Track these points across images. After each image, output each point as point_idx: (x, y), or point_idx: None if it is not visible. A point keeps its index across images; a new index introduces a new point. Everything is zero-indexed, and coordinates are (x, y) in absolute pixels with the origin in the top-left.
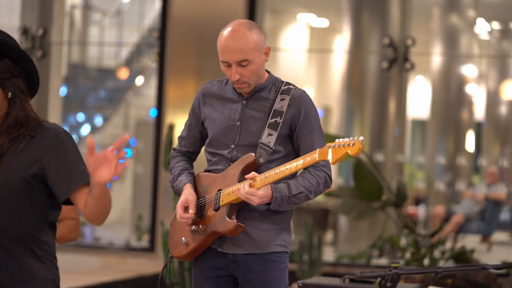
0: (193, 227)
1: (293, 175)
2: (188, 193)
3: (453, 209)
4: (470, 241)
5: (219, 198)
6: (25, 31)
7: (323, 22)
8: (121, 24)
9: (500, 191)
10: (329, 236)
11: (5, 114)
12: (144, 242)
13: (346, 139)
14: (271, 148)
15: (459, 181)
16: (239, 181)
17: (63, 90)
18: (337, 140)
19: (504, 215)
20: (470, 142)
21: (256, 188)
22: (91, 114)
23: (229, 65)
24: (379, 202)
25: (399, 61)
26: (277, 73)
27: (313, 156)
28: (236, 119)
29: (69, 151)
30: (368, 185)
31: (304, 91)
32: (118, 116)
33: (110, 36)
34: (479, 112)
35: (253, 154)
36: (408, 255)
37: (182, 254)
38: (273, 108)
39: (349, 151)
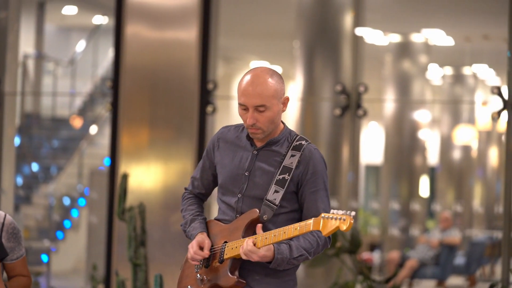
0: (199, 276)
1: None
2: (204, 237)
3: (407, 254)
4: (425, 286)
5: (224, 251)
6: None
7: (276, 69)
8: (74, 74)
9: (454, 236)
10: None
11: None
12: None
13: (340, 212)
14: (277, 206)
15: (413, 226)
16: (243, 236)
17: (16, 140)
18: (332, 211)
19: (458, 260)
20: (424, 187)
21: (257, 247)
22: (45, 164)
23: (246, 109)
24: (333, 249)
25: (351, 107)
26: (231, 121)
27: (308, 224)
28: (245, 168)
29: None
30: None
31: (315, 148)
32: (72, 165)
33: (63, 85)
34: (433, 157)
35: (257, 211)
36: None
37: None
38: (283, 164)
39: (340, 227)
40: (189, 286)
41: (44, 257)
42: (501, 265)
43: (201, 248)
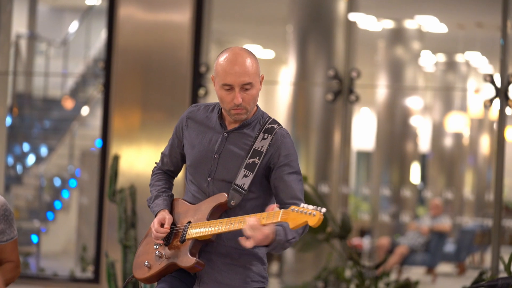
0: (158, 252)
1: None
2: (165, 213)
3: (397, 240)
4: (415, 273)
5: (187, 231)
6: None
7: (268, 54)
8: (67, 54)
9: (444, 223)
10: (274, 267)
11: None
12: (89, 273)
13: (310, 207)
14: (245, 191)
15: (403, 213)
16: (208, 219)
17: (8, 120)
18: (302, 205)
19: (448, 247)
20: (415, 174)
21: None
22: (36, 144)
23: (230, 89)
24: (324, 234)
25: (344, 93)
26: None
27: (276, 215)
28: (215, 151)
29: None
30: None
31: (287, 133)
32: (63, 146)
33: (55, 66)
34: (424, 144)
35: (226, 195)
36: (352, 286)
37: (142, 277)
38: (254, 147)
39: (308, 221)
40: (146, 262)
41: (34, 238)
42: (491, 253)
43: (163, 225)
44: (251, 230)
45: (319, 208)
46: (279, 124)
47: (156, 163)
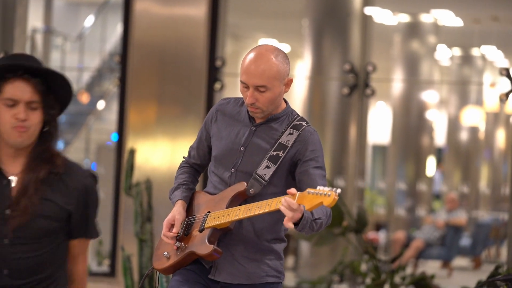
0: (177, 243)
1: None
2: (176, 211)
3: (413, 234)
4: (431, 267)
5: (206, 220)
6: None
7: (284, 48)
8: (83, 49)
9: (460, 217)
10: (290, 261)
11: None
12: (105, 267)
13: (326, 189)
14: (266, 181)
15: (419, 206)
16: (227, 207)
17: None
18: (318, 187)
19: (464, 241)
20: (430, 167)
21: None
22: None
23: (247, 87)
24: (339, 228)
25: (359, 87)
26: None
27: (292, 197)
28: (241, 143)
29: (93, 205)
30: None
31: (314, 130)
32: (79, 140)
33: (71, 60)
34: (440, 138)
35: (245, 184)
36: (368, 280)
37: (161, 267)
38: (279, 141)
39: (323, 202)
40: (165, 252)
41: None
42: (507, 246)
43: (173, 226)
44: (291, 211)
45: (334, 188)
46: (307, 122)
47: (184, 157)
